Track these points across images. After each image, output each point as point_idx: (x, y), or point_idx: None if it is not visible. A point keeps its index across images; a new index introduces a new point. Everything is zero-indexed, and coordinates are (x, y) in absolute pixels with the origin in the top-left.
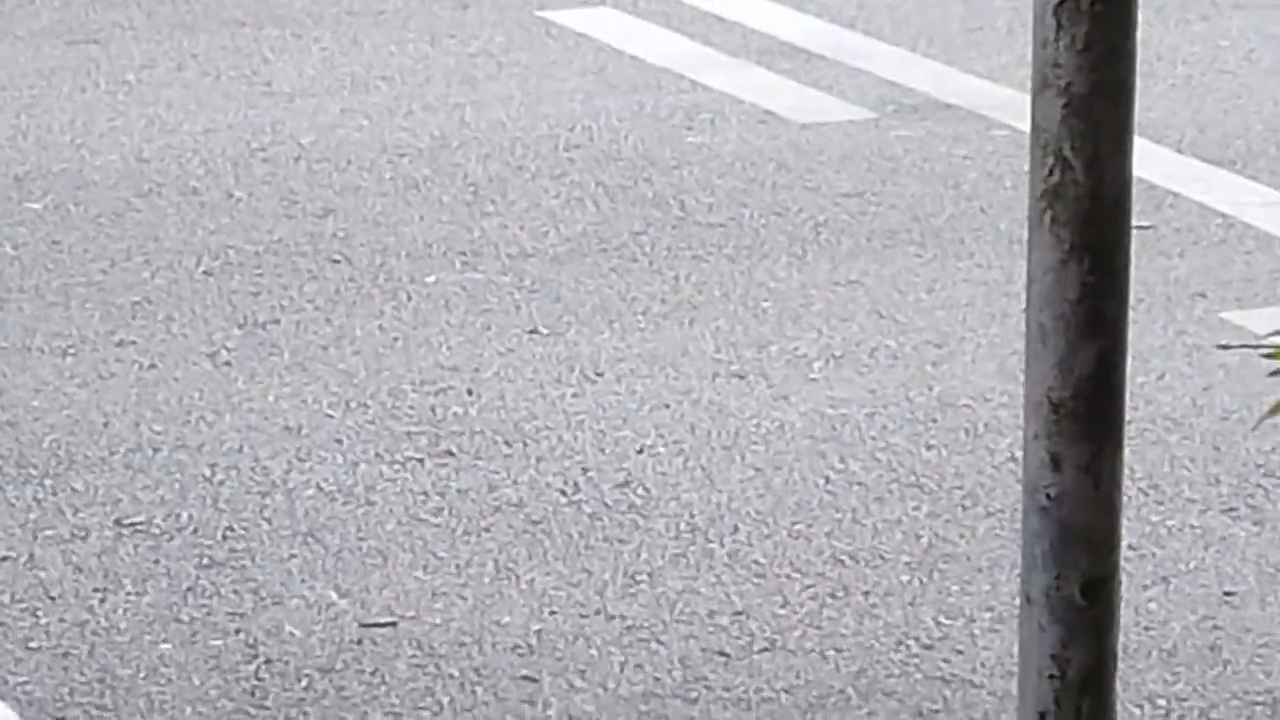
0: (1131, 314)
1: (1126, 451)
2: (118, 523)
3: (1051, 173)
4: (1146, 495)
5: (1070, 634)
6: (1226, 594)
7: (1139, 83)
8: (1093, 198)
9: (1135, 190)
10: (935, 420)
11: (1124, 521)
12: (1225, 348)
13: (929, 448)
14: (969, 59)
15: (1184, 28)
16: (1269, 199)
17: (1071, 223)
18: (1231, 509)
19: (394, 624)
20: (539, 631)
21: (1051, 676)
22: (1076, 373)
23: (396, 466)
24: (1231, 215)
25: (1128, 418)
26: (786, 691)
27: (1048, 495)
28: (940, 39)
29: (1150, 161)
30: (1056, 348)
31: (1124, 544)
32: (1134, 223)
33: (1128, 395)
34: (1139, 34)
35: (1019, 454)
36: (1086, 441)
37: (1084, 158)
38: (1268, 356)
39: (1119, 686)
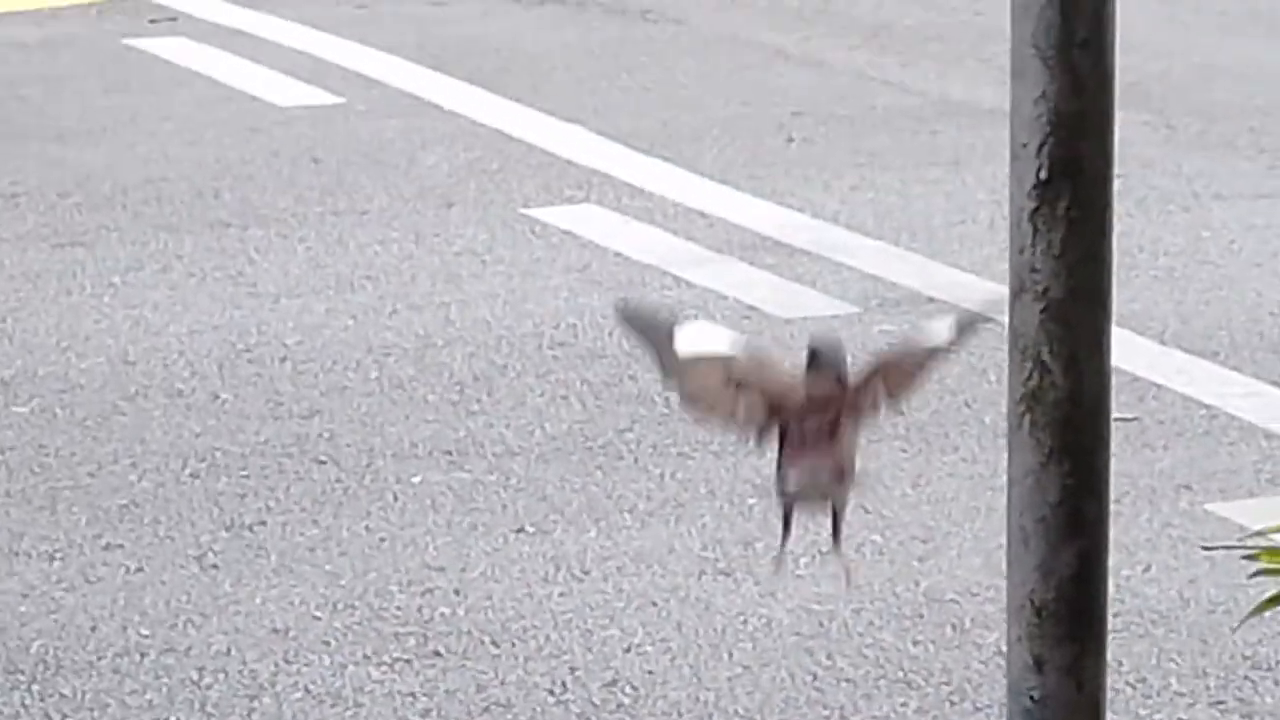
0: (1116, 507)
1: (1114, 645)
2: None
3: (1030, 376)
4: (1134, 689)
5: None
6: None
7: (1120, 274)
8: (1071, 401)
9: (1118, 382)
10: (922, 615)
11: (1112, 716)
12: (1209, 549)
13: (916, 643)
14: (952, 253)
15: (1165, 219)
16: (1252, 389)
17: (1051, 426)
18: (1220, 702)
19: None
20: None
21: None
22: (1058, 575)
23: (384, 668)
24: (1215, 406)
25: (1114, 611)
26: None
27: (1031, 698)
28: (923, 233)
29: (1133, 353)
30: (1038, 550)
31: None
32: (1117, 415)
33: (1113, 589)
34: (1119, 225)
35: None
36: (1069, 643)
37: (1062, 361)
38: (1248, 558)
39: None
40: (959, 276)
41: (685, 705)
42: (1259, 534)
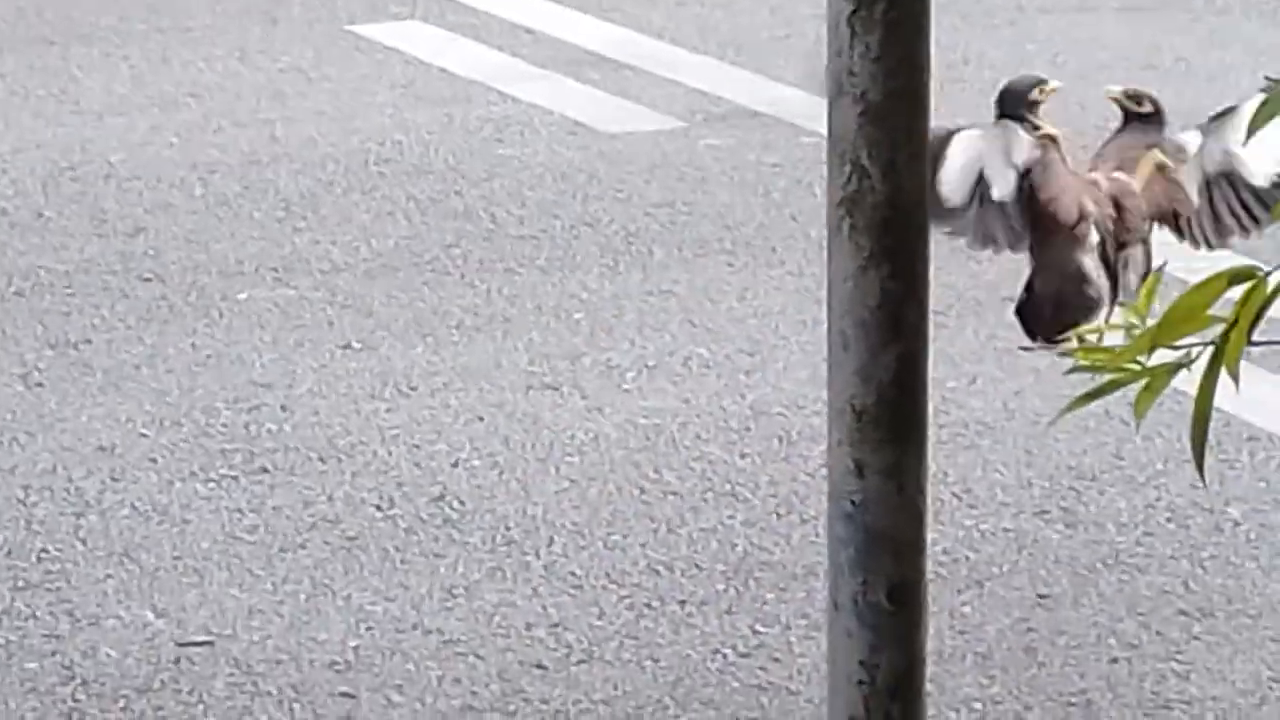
0: (942, 318)
1: (940, 456)
2: None
3: (849, 181)
4: (960, 499)
5: (878, 639)
6: (1040, 596)
7: (946, 87)
8: (890, 204)
9: None
10: (749, 428)
11: (938, 526)
12: (1027, 349)
13: (743, 456)
14: (777, 67)
15: (990, 32)
16: None
17: (870, 230)
18: (1044, 512)
19: (211, 643)
20: (356, 647)
21: (860, 682)
22: (878, 379)
23: (211, 485)
24: None
25: (940, 422)
26: (604, 703)
27: (852, 502)
28: (748, 47)
29: None
30: (858, 354)
31: (938, 548)
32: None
33: (939, 401)
34: (946, 38)
35: None
36: (890, 447)
37: (880, 165)
38: (1064, 355)
39: (933, 690)
40: (784, 90)
41: (513, 519)
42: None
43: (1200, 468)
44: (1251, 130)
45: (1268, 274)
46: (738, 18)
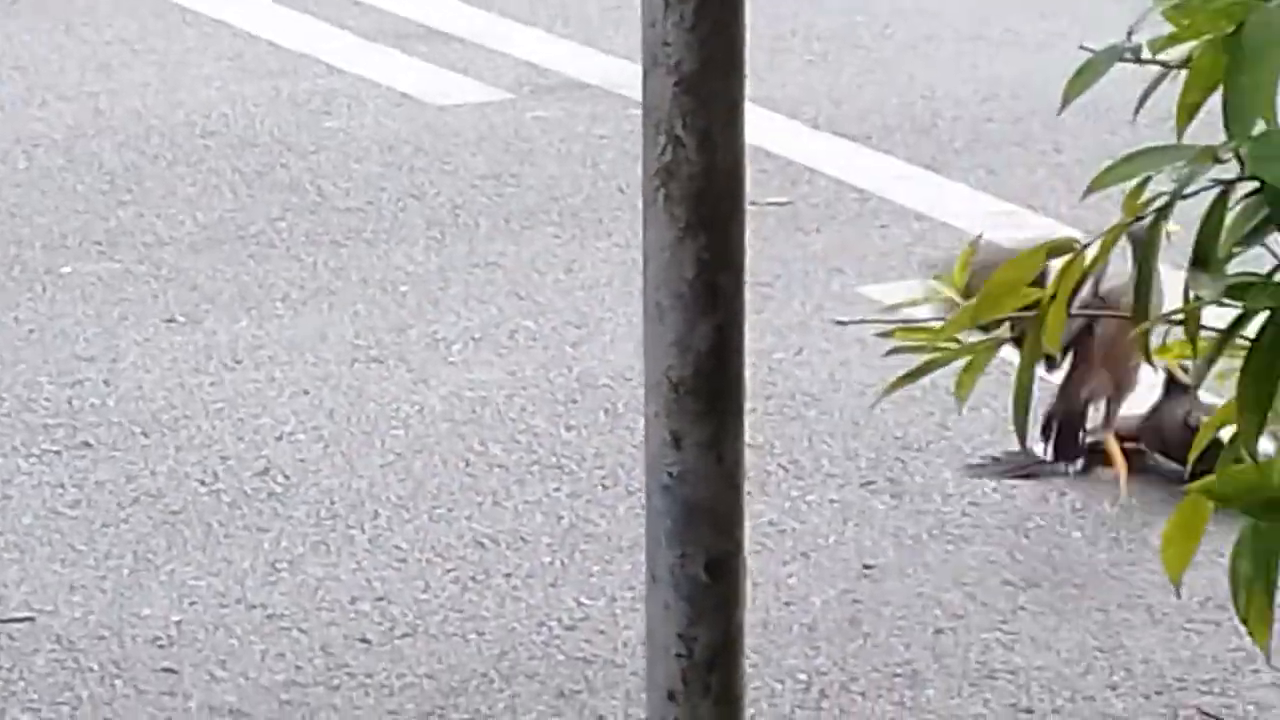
0: (768, 290)
1: (766, 428)
2: None
3: (664, 151)
4: (786, 471)
5: (696, 611)
6: (866, 567)
7: (774, 59)
8: (706, 175)
9: (772, 166)
10: (575, 401)
11: (763, 498)
12: (841, 324)
13: (569, 428)
14: (606, 39)
15: (818, 3)
16: (903, 172)
17: (685, 200)
18: (870, 482)
19: (32, 619)
20: (179, 622)
21: (679, 655)
22: (695, 350)
23: (33, 459)
24: (867, 190)
25: (766, 394)
26: (429, 676)
27: (669, 474)
28: (577, 19)
29: (786, 138)
30: (674, 326)
31: (763, 520)
32: (770, 199)
33: (765, 372)
34: (774, 9)
35: None
36: (707, 419)
37: (696, 135)
38: (884, 335)
39: (759, 662)
40: (613, 62)
41: (338, 493)
42: (891, 309)
43: (1022, 441)
44: (1065, 102)
45: (1085, 246)
46: None
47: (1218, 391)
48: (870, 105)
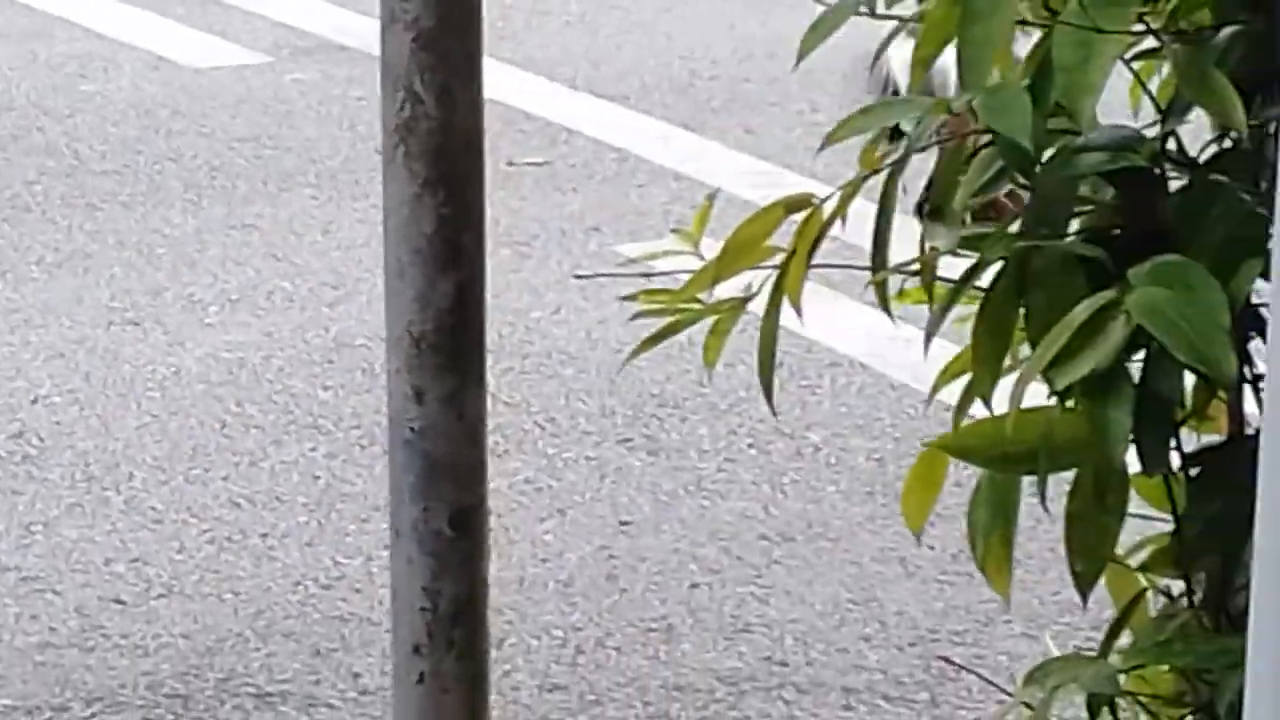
0: (526, 249)
1: (523, 385)
2: None
3: (403, 107)
4: (543, 429)
5: (440, 566)
6: (623, 523)
7: (532, 20)
8: (444, 131)
9: (530, 127)
10: (332, 361)
11: (520, 455)
12: (580, 278)
13: (326, 388)
14: (362, 1)
15: None
16: (661, 132)
17: (424, 156)
18: (627, 439)
19: None
20: None
21: (423, 609)
22: (435, 306)
23: None
24: (625, 149)
25: (523, 352)
26: (184, 636)
27: (411, 429)
28: None
29: (545, 99)
30: (414, 281)
31: (520, 477)
32: (529, 159)
33: (523, 331)
34: None
35: None
36: (449, 374)
37: (434, 92)
38: (628, 299)
39: (515, 618)
40: (371, 24)
41: (93, 455)
42: (631, 261)
43: (769, 398)
44: (800, 56)
45: (823, 202)
46: None
47: (958, 339)
48: (628, 66)
